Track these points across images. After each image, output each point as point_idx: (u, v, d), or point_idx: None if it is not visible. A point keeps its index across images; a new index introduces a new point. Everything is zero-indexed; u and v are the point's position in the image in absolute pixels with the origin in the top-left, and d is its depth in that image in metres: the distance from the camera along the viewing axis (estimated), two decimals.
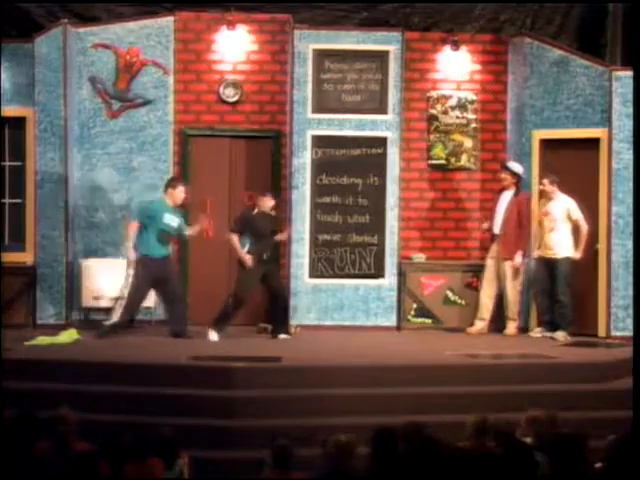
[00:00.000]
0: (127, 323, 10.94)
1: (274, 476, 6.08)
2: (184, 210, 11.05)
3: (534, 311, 11.43)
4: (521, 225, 11.18)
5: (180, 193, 10.74)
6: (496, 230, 11.33)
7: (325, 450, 6.05)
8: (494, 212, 11.39)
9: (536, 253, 11.23)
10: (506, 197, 11.31)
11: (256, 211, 10.86)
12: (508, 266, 11.24)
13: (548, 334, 11.00)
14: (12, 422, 6.36)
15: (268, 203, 10.84)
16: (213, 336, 10.57)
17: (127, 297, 10.56)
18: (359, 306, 11.65)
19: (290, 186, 11.63)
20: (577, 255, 10.99)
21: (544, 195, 11.19)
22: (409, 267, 11.78)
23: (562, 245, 11.01)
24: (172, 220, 10.68)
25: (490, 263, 11.37)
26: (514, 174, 11.29)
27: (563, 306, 10.98)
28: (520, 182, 11.31)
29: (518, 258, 11.13)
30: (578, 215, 10.99)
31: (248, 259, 10.62)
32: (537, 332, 11.13)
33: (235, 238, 10.73)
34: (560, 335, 10.87)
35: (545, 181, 11.12)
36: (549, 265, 11.07)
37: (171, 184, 10.82)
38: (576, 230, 11.03)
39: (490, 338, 11.09)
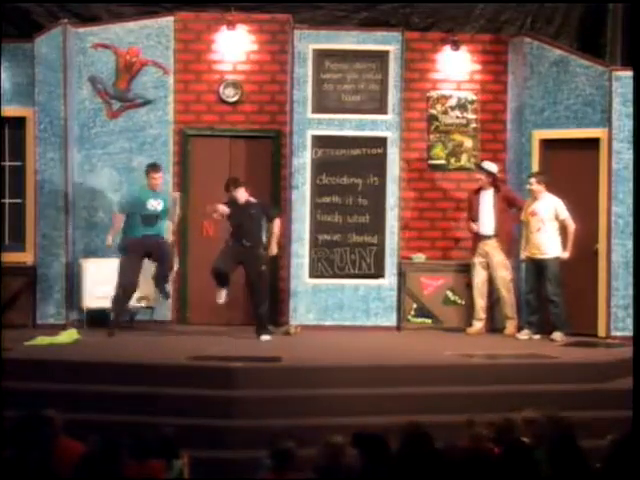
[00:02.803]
0: (129, 315, 10.98)
1: (273, 477, 6.07)
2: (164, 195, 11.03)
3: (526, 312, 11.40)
4: (516, 207, 11.24)
5: (151, 179, 10.79)
6: (483, 230, 11.30)
7: (319, 450, 6.05)
8: (476, 213, 11.34)
9: (523, 254, 11.19)
10: (486, 197, 11.30)
11: (244, 200, 10.80)
12: (500, 266, 11.24)
13: (535, 336, 10.98)
14: (15, 423, 6.36)
15: (238, 194, 10.74)
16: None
17: (117, 278, 10.61)
18: (359, 306, 11.65)
19: (290, 186, 11.63)
20: (565, 255, 10.94)
21: (531, 194, 11.14)
22: (409, 267, 11.78)
23: (550, 245, 10.96)
24: (156, 204, 10.73)
25: (478, 263, 11.35)
26: (489, 174, 11.29)
27: (557, 306, 10.93)
28: (497, 181, 11.33)
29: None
30: (565, 215, 10.94)
31: (221, 208, 10.65)
32: (524, 334, 11.01)
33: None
34: (557, 336, 10.84)
35: (532, 180, 11.08)
36: (538, 266, 11.00)
37: (145, 171, 10.91)
38: (563, 230, 11.01)
39: (490, 338, 11.08)
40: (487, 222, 11.28)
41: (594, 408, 8.81)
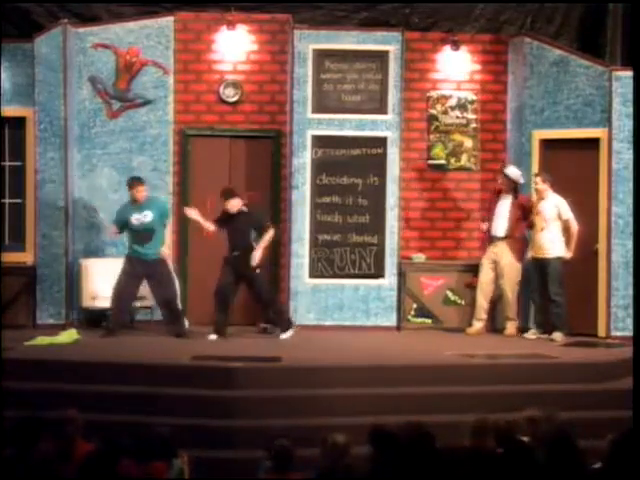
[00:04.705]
0: (126, 322, 10.97)
1: (273, 477, 6.07)
2: (162, 202, 11.04)
3: (532, 312, 11.41)
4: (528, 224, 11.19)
5: (137, 192, 10.72)
6: (496, 232, 11.29)
7: (321, 450, 6.04)
8: (492, 214, 11.34)
9: (529, 254, 11.18)
10: (505, 200, 11.27)
11: (235, 210, 10.76)
12: (508, 267, 11.23)
13: (542, 336, 10.98)
14: (14, 424, 6.35)
15: (230, 205, 10.67)
16: (212, 336, 10.60)
17: (112, 293, 10.58)
18: (359, 306, 11.65)
19: (290, 186, 11.63)
20: (568, 255, 10.95)
21: (537, 194, 11.13)
22: (409, 267, 11.78)
23: (554, 245, 10.96)
24: (143, 217, 10.65)
25: (486, 264, 11.34)
26: (510, 180, 11.24)
27: (558, 306, 10.93)
28: (518, 187, 11.27)
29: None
30: (568, 215, 10.94)
31: (208, 225, 10.68)
32: (531, 334, 11.06)
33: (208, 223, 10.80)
34: (557, 336, 10.85)
35: (538, 179, 11.08)
36: (541, 265, 11.01)
37: (128, 184, 10.83)
38: (566, 230, 11.01)
39: (490, 338, 11.08)
40: (500, 224, 11.23)
41: (594, 408, 8.81)
